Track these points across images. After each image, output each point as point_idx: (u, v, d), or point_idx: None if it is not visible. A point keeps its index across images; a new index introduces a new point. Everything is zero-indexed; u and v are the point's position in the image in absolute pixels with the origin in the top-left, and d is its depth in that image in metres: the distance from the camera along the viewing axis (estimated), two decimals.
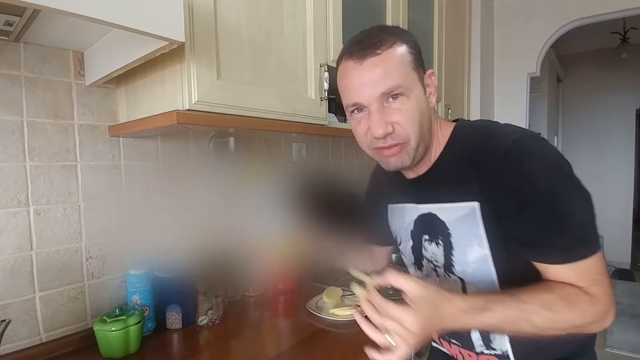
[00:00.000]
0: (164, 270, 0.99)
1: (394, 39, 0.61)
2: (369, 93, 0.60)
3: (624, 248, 4.12)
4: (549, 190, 0.56)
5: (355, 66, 0.61)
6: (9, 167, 0.80)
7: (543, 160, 0.57)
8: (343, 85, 0.65)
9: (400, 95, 0.61)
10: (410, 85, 0.61)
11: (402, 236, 0.81)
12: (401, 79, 0.60)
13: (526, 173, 0.56)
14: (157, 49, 0.65)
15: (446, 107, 1.81)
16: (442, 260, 0.70)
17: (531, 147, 0.58)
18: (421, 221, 0.74)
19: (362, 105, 0.62)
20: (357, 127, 0.66)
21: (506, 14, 2.39)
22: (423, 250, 0.75)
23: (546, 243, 0.57)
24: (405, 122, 0.61)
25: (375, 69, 0.60)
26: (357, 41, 0.63)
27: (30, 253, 0.84)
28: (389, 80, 0.59)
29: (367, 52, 0.60)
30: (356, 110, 0.64)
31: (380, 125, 0.60)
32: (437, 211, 0.70)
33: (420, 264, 0.77)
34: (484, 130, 0.64)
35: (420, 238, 0.75)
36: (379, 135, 0.61)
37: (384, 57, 0.60)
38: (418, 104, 0.62)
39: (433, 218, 0.70)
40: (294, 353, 0.85)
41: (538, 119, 3.78)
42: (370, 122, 0.62)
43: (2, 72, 0.79)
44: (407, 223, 0.77)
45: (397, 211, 0.81)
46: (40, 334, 0.85)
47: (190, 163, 1.14)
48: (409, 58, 0.62)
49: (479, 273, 0.65)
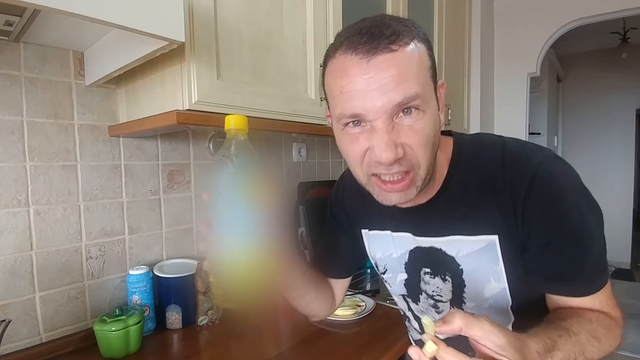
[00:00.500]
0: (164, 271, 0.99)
1: (412, 33, 0.47)
2: (379, 103, 0.45)
3: (624, 248, 4.11)
4: (579, 221, 0.51)
5: (359, 64, 0.45)
6: (9, 167, 0.80)
7: (571, 186, 0.52)
8: (338, 86, 0.48)
9: (415, 109, 0.47)
10: (428, 98, 0.48)
11: (389, 266, 0.70)
12: (420, 87, 0.46)
13: (556, 202, 0.50)
14: (157, 49, 0.65)
15: (446, 108, 1.81)
16: (449, 295, 0.62)
17: (558, 171, 0.51)
18: (420, 254, 0.63)
19: (365, 118, 0.47)
20: (350, 145, 0.50)
21: (506, 14, 2.39)
22: (422, 284, 0.66)
23: (570, 277, 0.53)
24: (418, 145, 0.47)
25: (388, 71, 0.44)
26: (363, 30, 0.46)
27: (30, 253, 0.84)
28: (406, 87, 0.45)
29: (377, 47, 0.45)
30: (352, 123, 0.49)
31: (390, 147, 0.45)
32: (443, 245, 0.60)
33: (417, 298, 0.68)
34: (498, 151, 0.55)
35: (418, 271, 0.65)
36: (386, 160, 0.46)
37: (401, 56, 0.45)
38: (434, 122, 0.49)
39: (437, 252, 0.60)
40: (294, 353, 0.85)
41: (538, 119, 3.78)
42: (375, 141, 0.46)
43: (2, 72, 0.79)
44: (399, 254, 0.67)
45: (380, 239, 0.69)
46: (40, 334, 0.85)
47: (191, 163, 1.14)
48: (428, 62, 0.49)
49: (496, 307, 0.59)
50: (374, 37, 0.45)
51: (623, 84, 4.11)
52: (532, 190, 0.50)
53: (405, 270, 0.67)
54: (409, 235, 0.63)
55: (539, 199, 0.51)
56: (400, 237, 0.65)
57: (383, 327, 0.94)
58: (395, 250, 0.67)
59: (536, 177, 0.50)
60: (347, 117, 0.48)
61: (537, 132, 3.79)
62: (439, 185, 0.58)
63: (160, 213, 1.06)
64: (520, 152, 0.54)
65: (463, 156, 0.58)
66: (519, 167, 0.52)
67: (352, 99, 0.46)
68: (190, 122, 0.75)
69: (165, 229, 1.08)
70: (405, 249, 0.65)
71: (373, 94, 0.45)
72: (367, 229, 0.71)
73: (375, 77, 0.45)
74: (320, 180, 1.55)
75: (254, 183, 0.45)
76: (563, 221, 0.51)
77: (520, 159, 0.53)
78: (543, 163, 0.51)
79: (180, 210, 1.11)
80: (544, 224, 0.51)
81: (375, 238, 0.70)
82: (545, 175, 0.50)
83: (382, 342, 0.88)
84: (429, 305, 0.67)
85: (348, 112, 0.47)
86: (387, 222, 0.66)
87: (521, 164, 0.52)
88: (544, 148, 0.55)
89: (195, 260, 1.05)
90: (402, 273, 0.68)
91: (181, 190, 1.11)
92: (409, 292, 0.70)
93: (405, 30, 0.46)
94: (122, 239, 0.99)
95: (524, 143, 0.56)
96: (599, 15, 2.13)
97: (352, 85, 0.46)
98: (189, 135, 1.13)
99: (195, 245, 1.14)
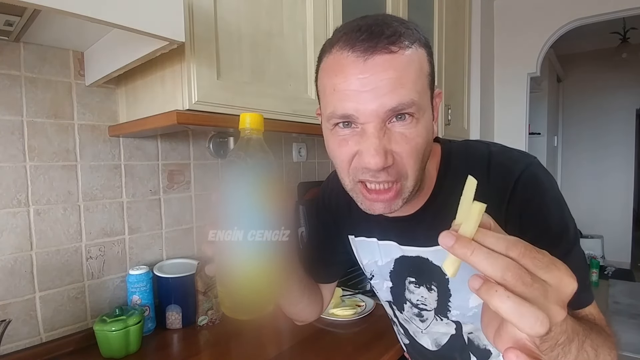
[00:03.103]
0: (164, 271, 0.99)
1: (414, 37, 0.45)
2: (372, 106, 0.43)
3: (624, 248, 4.12)
4: (561, 226, 0.51)
5: (355, 62, 0.43)
6: (9, 167, 0.80)
7: (552, 193, 0.52)
8: (331, 84, 0.46)
9: (409, 116, 0.45)
10: (424, 106, 0.46)
11: (375, 272, 0.69)
12: (417, 94, 0.44)
13: (538, 207, 0.50)
14: (157, 49, 0.65)
15: (446, 107, 1.81)
16: (434, 305, 0.62)
17: (540, 178, 0.52)
18: (405, 263, 0.62)
19: (356, 120, 0.45)
20: (338, 147, 0.48)
21: (506, 14, 2.39)
22: (407, 293, 0.65)
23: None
24: (409, 155, 0.46)
25: (385, 73, 0.42)
26: (363, 27, 0.44)
27: (30, 253, 0.84)
28: (402, 93, 0.43)
29: (376, 46, 0.43)
30: (342, 124, 0.46)
31: (379, 153, 0.43)
32: (429, 255, 0.59)
33: (401, 306, 0.68)
34: (485, 160, 0.54)
35: (402, 280, 0.64)
36: (374, 166, 0.44)
37: (400, 59, 0.43)
38: (426, 131, 0.47)
39: (423, 262, 0.59)
40: (294, 353, 0.85)
41: (538, 119, 3.78)
42: (365, 146, 0.44)
43: (2, 72, 0.79)
44: (384, 262, 0.65)
45: (366, 245, 0.68)
46: (40, 334, 0.85)
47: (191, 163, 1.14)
48: (428, 69, 0.47)
49: (479, 315, 0.59)
50: (373, 36, 0.43)
51: (623, 84, 4.11)
52: (515, 196, 0.50)
53: (390, 278, 0.66)
54: (394, 244, 0.62)
55: (522, 204, 0.50)
56: (386, 245, 0.64)
57: (383, 327, 0.94)
58: (381, 258, 0.66)
59: (518, 183, 0.50)
60: (337, 117, 0.46)
61: (537, 132, 3.80)
62: (427, 195, 0.57)
63: (160, 213, 1.06)
64: (504, 160, 0.54)
65: (452, 166, 0.57)
66: (504, 175, 0.52)
67: (345, 99, 0.44)
68: (190, 122, 0.75)
69: (165, 229, 1.08)
70: (391, 257, 0.64)
71: (367, 96, 0.43)
72: (353, 235, 0.70)
73: (371, 78, 0.43)
74: (320, 180, 1.55)
75: (268, 185, 0.42)
76: (545, 225, 0.50)
77: (505, 167, 0.52)
78: (526, 171, 0.51)
79: (180, 210, 1.11)
80: (525, 228, 0.50)
81: (362, 244, 0.68)
82: (527, 182, 0.51)
83: (382, 342, 0.88)
84: (413, 314, 0.66)
85: (339, 112, 0.45)
86: (374, 230, 0.65)
87: (506, 172, 0.52)
88: (528, 155, 0.55)
89: (195, 260, 1.05)
90: (387, 281, 0.67)
91: (181, 190, 1.11)
92: (394, 300, 0.69)
93: (406, 32, 0.44)
94: (122, 239, 0.99)
95: (510, 150, 0.56)
96: (599, 15, 2.14)
97: (346, 84, 0.44)
98: (189, 135, 1.13)
99: (195, 245, 1.14)
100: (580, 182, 4.30)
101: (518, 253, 0.27)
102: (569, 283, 0.28)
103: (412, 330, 0.71)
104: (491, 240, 0.28)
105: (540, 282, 0.27)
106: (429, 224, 0.57)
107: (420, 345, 0.70)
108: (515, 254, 0.27)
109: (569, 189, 4.23)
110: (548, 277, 0.28)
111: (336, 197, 0.70)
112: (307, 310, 0.73)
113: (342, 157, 0.48)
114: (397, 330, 0.79)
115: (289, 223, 0.45)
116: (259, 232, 0.41)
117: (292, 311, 0.71)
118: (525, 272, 0.27)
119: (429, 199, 0.57)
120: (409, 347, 0.77)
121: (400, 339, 0.80)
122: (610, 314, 2.93)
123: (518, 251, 0.27)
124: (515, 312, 0.26)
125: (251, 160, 0.42)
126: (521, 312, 0.26)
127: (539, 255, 0.28)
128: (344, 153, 0.47)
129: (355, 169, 0.47)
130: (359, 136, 0.46)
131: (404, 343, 0.79)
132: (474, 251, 0.28)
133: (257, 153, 0.43)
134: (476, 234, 0.28)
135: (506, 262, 0.27)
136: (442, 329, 0.65)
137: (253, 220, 0.41)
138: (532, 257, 0.27)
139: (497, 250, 0.28)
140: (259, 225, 0.41)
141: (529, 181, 0.51)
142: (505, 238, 0.28)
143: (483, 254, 0.27)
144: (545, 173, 0.53)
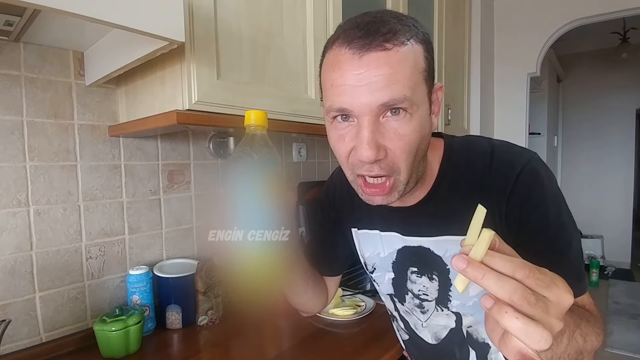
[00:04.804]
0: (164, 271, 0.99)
1: (410, 33, 0.47)
2: (365, 100, 0.45)
3: (624, 248, 4.12)
4: (558, 223, 0.52)
5: (351, 59, 0.46)
6: (9, 167, 0.80)
7: (551, 189, 0.53)
8: (330, 79, 0.48)
9: (402, 111, 0.47)
10: (418, 101, 0.47)
11: (377, 265, 0.71)
12: (410, 90, 0.46)
13: (537, 201, 0.52)
14: (157, 49, 0.65)
15: (446, 107, 1.81)
16: (435, 295, 0.64)
17: (540, 172, 0.53)
18: (408, 253, 0.64)
19: (351, 113, 0.47)
20: (338, 142, 0.51)
21: (506, 14, 2.39)
22: (408, 283, 0.66)
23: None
24: (400, 149, 0.48)
25: (379, 69, 0.45)
26: (361, 24, 0.46)
27: (30, 253, 0.84)
28: (394, 89, 0.45)
29: (372, 43, 0.45)
30: (340, 118, 0.49)
31: (371, 147, 0.46)
32: (430, 245, 0.61)
33: (403, 298, 0.69)
34: (487, 154, 0.56)
35: (404, 270, 0.66)
36: (367, 159, 0.46)
37: (394, 56, 0.45)
38: (421, 126, 0.49)
39: (425, 252, 0.61)
40: (294, 353, 0.85)
41: (538, 119, 3.78)
42: (358, 139, 0.47)
43: (2, 72, 0.79)
44: (386, 253, 0.67)
45: (368, 237, 0.70)
46: (40, 334, 0.85)
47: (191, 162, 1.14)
48: (423, 65, 0.48)
49: (480, 305, 0.60)
50: (369, 33, 0.45)
51: (623, 84, 4.11)
52: (515, 190, 0.52)
53: (392, 269, 0.68)
54: (397, 235, 0.64)
55: (522, 198, 0.52)
56: (388, 236, 0.66)
57: (383, 327, 0.94)
58: (383, 250, 0.68)
59: (519, 178, 0.52)
60: (334, 110, 0.49)
61: (537, 132, 3.80)
62: (429, 186, 0.59)
63: (160, 213, 1.06)
64: (506, 155, 0.56)
65: (453, 159, 0.59)
66: (505, 169, 0.54)
67: (341, 94, 0.47)
68: (190, 122, 0.75)
69: (165, 229, 1.08)
70: (393, 248, 0.66)
71: (361, 91, 0.45)
72: (356, 228, 0.72)
73: (366, 74, 0.45)
74: (320, 180, 1.55)
75: (273, 180, 0.45)
76: (544, 219, 0.52)
77: (506, 162, 0.54)
78: (527, 165, 0.53)
79: (180, 210, 1.11)
80: (525, 221, 0.52)
81: (364, 237, 0.71)
82: (527, 176, 0.53)
83: (382, 341, 0.88)
84: (414, 305, 0.68)
85: (336, 106, 0.48)
86: (376, 222, 0.67)
87: (507, 166, 0.54)
88: (529, 151, 0.56)
89: (195, 260, 1.05)
90: (390, 272, 0.69)
91: (181, 190, 1.11)
92: (396, 292, 0.70)
93: (402, 29, 0.46)
94: (122, 239, 0.99)
95: (511, 146, 0.58)
96: (599, 15, 2.14)
97: (343, 79, 0.47)
98: (189, 135, 1.13)
99: (195, 245, 1.14)
100: (580, 182, 4.30)
101: (523, 274, 0.30)
102: (567, 298, 0.32)
103: (413, 323, 0.72)
104: (499, 263, 0.31)
105: (542, 300, 0.31)
106: (431, 215, 0.59)
107: (420, 338, 0.71)
108: (520, 276, 0.30)
109: (569, 189, 4.24)
110: (549, 294, 0.31)
111: (340, 192, 0.74)
112: (312, 301, 0.77)
113: (340, 152, 0.52)
114: (397, 326, 0.79)
115: (294, 216, 0.48)
116: (267, 222, 0.44)
117: (297, 302, 0.76)
118: (530, 293, 0.30)
119: (431, 190, 0.59)
120: (408, 343, 0.77)
121: (400, 336, 0.80)
122: (610, 314, 2.93)
123: (523, 273, 0.30)
124: (523, 330, 0.29)
125: (257, 155, 0.45)
126: (527, 331, 0.29)
127: (541, 275, 0.31)
128: (342, 148, 0.51)
129: (353, 164, 0.51)
130: (355, 132, 0.49)
131: (404, 339, 0.79)
132: (484, 275, 0.31)
133: (263, 148, 0.46)
134: (485, 257, 0.31)
135: (513, 285, 0.30)
136: (442, 321, 0.66)
137: (262, 211, 0.43)
138: (536, 278, 0.31)
139: (504, 273, 0.31)
140: (267, 216, 0.44)
141: (530, 176, 0.53)
142: (511, 261, 0.31)
143: (493, 278, 0.30)
144: (545, 168, 0.55)
